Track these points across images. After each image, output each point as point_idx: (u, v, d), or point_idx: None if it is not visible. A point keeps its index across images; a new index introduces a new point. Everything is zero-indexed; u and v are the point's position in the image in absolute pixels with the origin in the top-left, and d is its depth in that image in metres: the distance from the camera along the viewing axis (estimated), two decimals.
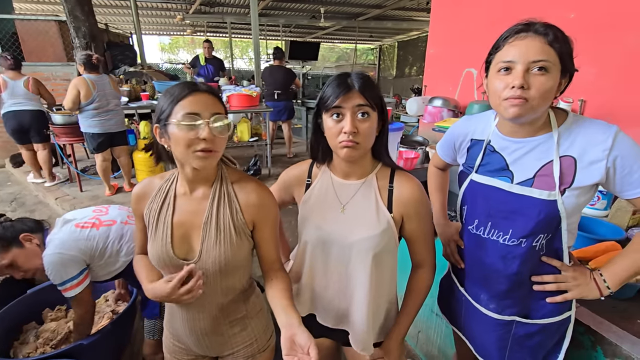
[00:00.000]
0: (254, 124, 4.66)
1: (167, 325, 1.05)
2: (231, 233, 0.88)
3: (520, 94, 0.75)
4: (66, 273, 1.27)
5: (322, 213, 0.96)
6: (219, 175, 0.90)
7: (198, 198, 0.89)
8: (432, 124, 2.46)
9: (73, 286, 1.28)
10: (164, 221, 0.89)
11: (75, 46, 4.35)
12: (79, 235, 1.34)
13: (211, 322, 0.96)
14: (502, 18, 2.10)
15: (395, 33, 12.87)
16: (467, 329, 1.10)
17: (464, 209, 0.99)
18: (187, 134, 0.77)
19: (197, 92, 0.80)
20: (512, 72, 0.76)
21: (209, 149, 0.78)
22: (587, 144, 0.78)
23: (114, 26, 8.22)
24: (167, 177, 0.94)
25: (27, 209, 3.76)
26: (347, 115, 0.83)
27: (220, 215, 0.88)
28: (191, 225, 0.89)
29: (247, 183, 0.91)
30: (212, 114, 0.79)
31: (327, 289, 1.01)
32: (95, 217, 1.43)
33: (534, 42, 0.74)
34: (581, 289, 0.86)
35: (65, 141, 3.78)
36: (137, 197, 0.95)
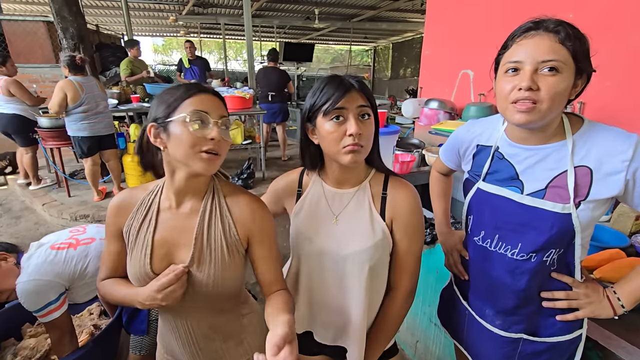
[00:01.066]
0: (248, 127, 4.60)
1: (161, 340, 0.99)
2: (223, 251, 0.80)
3: (528, 96, 0.69)
4: (43, 299, 1.19)
5: (314, 225, 0.91)
6: (210, 187, 0.83)
7: (185, 213, 0.81)
8: (429, 127, 2.42)
9: (50, 311, 1.20)
10: (143, 239, 0.81)
11: (62, 47, 4.25)
12: (55, 258, 1.26)
13: (204, 341, 0.90)
14: (498, 19, 2.06)
15: (390, 34, 12.88)
16: (470, 344, 1.04)
17: (470, 219, 0.93)
18: (194, 132, 0.71)
19: (205, 92, 0.76)
20: (520, 72, 0.71)
21: (216, 151, 0.73)
22: (605, 154, 0.72)
23: (105, 27, 8.11)
24: (150, 188, 0.86)
25: (13, 215, 3.65)
26: (350, 117, 0.78)
27: (212, 232, 0.80)
28: (175, 243, 0.81)
29: (240, 196, 0.84)
30: (221, 115, 0.75)
31: (325, 304, 0.95)
32: (72, 237, 1.37)
33: (544, 40, 0.69)
34: (594, 306, 0.81)
35: (53, 145, 3.68)
36: (115, 211, 0.84)
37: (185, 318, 0.87)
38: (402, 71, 13.80)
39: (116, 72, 5.74)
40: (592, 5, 1.65)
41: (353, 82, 0.80)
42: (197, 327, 0.88)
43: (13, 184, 4.29)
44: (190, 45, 5.61)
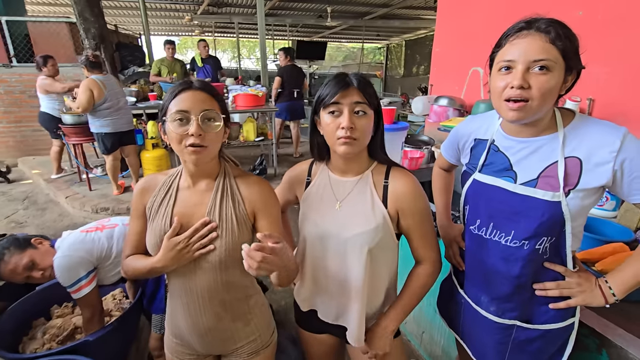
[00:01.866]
0: (260, 124, 4.68)
1: (169, 325, 1.05)
2: (233, 224, 0.89)
3: (520, 94, 0.73)
4: (74, 275, 1.32)
5: (319, 210, 0.98)
6: (222, 170, 0.94)
7: (201, 190, 0.92)
8: (438, 124, 2.44)
9: (81, 287, 1.33)
10: (164, 212, 0.91)
11: (85, 47, 4.42)
12: (85, 238, 1.40)
13: (214, 318, 0.96)
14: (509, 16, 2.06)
15: (403, 32, 12.78)
16: (466, 332, 1.08)
17: (466, 209, 0.98)
18: (177, 130, 0.81)
19: (189, 89, 0.83)
20: (513, 71, 0.75)
21: (198, 144, 0.81)
22: (594, 146, 0.76)
23: (124, 27, 8.34)
24: (170, 172, 0.97)
25: (38, 207, 3.84)
26: (344, 111, 0.85)
27: (223, 207, 0.90)
28: (192, 215, 0.90)
29: (249, 177, 0.95)
30: (202, 110, 0.82)
31: (326, 284, 1.02)
32: (99, 223, 1.52)
33: (535, 40, 0.72)
34: (585, 295, 0.84)
35: (75, 141, 3.85)
36: (140, 191, 0.96)
37: (197, 293, 0.93)
38: (415, 69, 13.69)
39: (134, 70, 5.92)
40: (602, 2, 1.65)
41: (353, 79, 0.86)
42: (208, 302, 0.94)
43: (38, 178, 4.49)
44: (204, 45, 5.77)
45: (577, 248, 0.91)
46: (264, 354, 1.06)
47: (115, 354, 1.59)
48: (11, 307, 1.60)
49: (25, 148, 5.62)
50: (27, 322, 1.68)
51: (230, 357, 1.05)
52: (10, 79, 5.31)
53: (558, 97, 0.79)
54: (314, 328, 1.12)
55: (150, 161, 3.87)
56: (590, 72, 0.88)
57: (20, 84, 5.37)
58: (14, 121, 5.50)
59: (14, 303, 1.62)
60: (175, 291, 0.98)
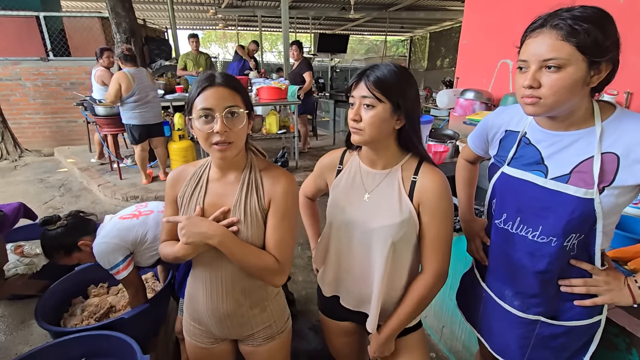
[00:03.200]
0: (282, 117, 4.72)
1: (188, 309, 1.09)
2: (258, 217, 0.93)
3: (530, 94, 0.74)
4: (113, 259, 1.42)
5: (348, 197, 1.00)
6: (248, 163, 0.96)
7: (229, 182, 0.96)
8: (463, 117, 2.40)
9: (120, 270, 1.43)
10: (195, 202, 0.95)
11: (116, 41, 4.59)
12: (121, 225, 1.49)
13: (234, 305, 0.99)
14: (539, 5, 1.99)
15: (428, 24, 12.46)
16: (485, 325, 1.08)
17: (493, 203, 0.97)
18: (202, 128, 0.84)
19: (211, 86, 0.84)
20: (526, 71, 0.76)
21: (224, 141, 0.84)
22: (635, 142, 0.73)
23: (151, 21, 8.57)
24: (200, 164, 1.01)
25: (73, 194, 4.05)
26: (356, 104, 0.89)
27: (248, 201, 0.93)
28: (222, 206, 0.94)
29: (273, 170, 0.97)
30: (225, 107, 0.83)
31: (350, 271, 1.04)
32: (136, 209, 1.61)
33: (545, 39, 0.71)
34: (613, 294, 0.83)
35: (107, 131, 4.03)
36: (172, 182, 1.01)
37: (221, 281, 0.97)
38: (439, 62, 13.35)
39: (161, 64, 6.09)
40: None
41: (367, 73, 0.87)
42: (231, 289, 0.98)
43: (72, 167, 4.74)
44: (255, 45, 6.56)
45: (608, 246, 0.88)
46: (279, 339, 1.09)
47: (146, 332, 1.68)
48: (53, 286, 1.72)
49: (61, 138, 5.93)
50: (67, 299, 1.80)
51: (246, 341, 1.08)
52: (47, 72, 5.60)
53: (595, 90, 0.77)
54: (336, 315, 1.14)
55: (177, 152, 3.99)
56: (629, 64, 0.84)
57: (57, 77, 5.65)
58: (50, 112, 5.80)
59: (55, 282, 1.75)
60: (198, 277, 1.01)
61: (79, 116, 5.31)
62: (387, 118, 0.87)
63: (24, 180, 4.50)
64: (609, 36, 0.70)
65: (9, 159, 5.26)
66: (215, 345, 1.10)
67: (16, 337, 1.94)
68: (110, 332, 1.34)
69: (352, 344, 1.21)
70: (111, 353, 1.35)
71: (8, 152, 5.31)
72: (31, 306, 1.64)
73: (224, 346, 1.11)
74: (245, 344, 1.09)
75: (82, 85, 5.67)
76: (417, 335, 1.09)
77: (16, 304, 2.16)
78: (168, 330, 1.89)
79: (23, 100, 5.64)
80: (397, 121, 0.89)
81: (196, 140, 1.00)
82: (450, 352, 1.78)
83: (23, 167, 5.02)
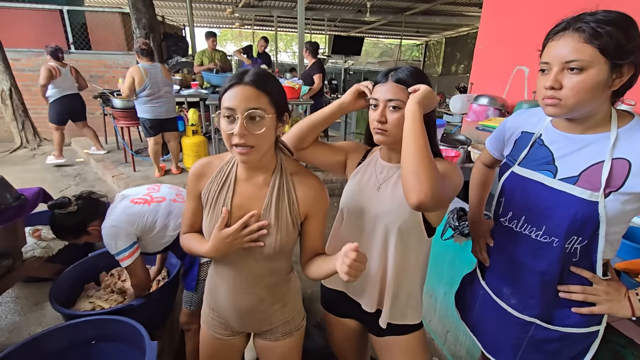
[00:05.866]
0: (295, 116, 4.75)
1: (208, 299, 1.08)
2: (287, 222, 0.92)
3: (552, 95, 0.76)
4: (120, 244, 1.40)
5: (361, 186, 1.03)
6: (278, 165, 0.93)
7: (258, 184, 0.92)
8: (476, 123, 2.38)
9: (126, 257, 1.42)
10: (223, 202, 0.92)
11: (135, 36, 4.70)
12: (132, 210, 1.47)
13: (256, 301, 1.00)
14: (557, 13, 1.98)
15: (443, 29, 12.39)
16: (478, 324, 1.09)
17: (501, 201, 0.98)
18: (225, 127, 0.81)
19: (239, 84, 0.80)
20: (548, 73, 0.77)
21: (244, 144, 0.79)
22: None
23: (170, 18, 8.72)
24: (226, 159, 0.96)
25: (88, 184, 4.15)
26: (380, 106, 0.90)
27: (279, 205, 0.91)
28: (250, 208, 0.92)
29: (305, 177, 0.94)
30: (247, 109, 0.78)
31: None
32: (148, 194, 1.57)
33: (568, 41, 0.73)
34: (612, 304, 0.83)
35: (123, 124, 4.12)
36: (196, 176, 0.96)
37: (246, 278, 0.97)
38: (454, 67, 13.25)
39: (177, 60, 6.19)
40: None
41: (395, 73, 0.89)
42: (255, 286, 0.98)
43: (88, 157, 4.85)
44: (265, 43, 6.29)
45: (612, 257, 0.88)
46: (296, 335, 1.09)
47: (154, 319, 1.72)
48: (67, 270, 1.78)
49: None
50: (80, 285, 1.85)
51: (264, 336, 1.08)
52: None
53: (617, 94, 0.77)
54: (339, 312, 1.16)
55: (189, 147, 4.05)
56: None
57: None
58: None
59: (69, 266, 1.80)
60: (222, 272, 1.01)
61: (97, 108, 5.43)
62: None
63: (42, 168, 4.63)
64: (632, 39, 0.70)
65: (28, 147, 5.42)
66: (232, 337, 1.10)
67: (30, 318, 2.01)
68: (120, 317, 1.38)
69: (353, 341, 1.22)
70: (121, 337, 1.39)
71: (28, 141, 5.46)
72: (45, 289, 1.70)
73: (238, 339, 1.12)
74: (263, 338, 1.09)
75: (101, 79, 5.79)
76: (418, 335, 1.09)
77: (31, 287, 2.23)
78: (174, 320, 1.92)
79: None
80: None
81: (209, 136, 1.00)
82: (454, 358, 1.78)
83: (41, 155, 5.15)
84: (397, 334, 1.05)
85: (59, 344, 1.35)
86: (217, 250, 0.90)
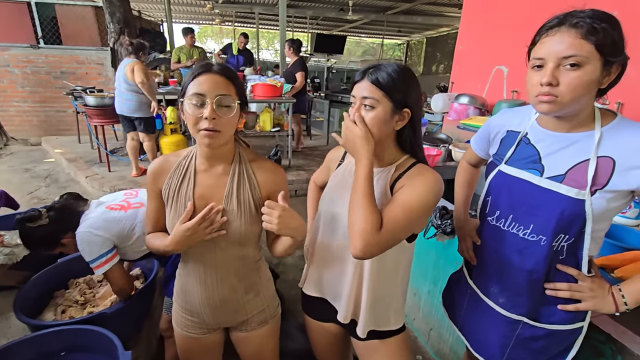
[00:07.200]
0: (276, 115, 4.69)
1: (179, 300, 1.08)
2: (250, 207, 0.94)
3: (548, 91, 0.74)
4: (95, 251, 1.33)
5: (339, 191, 1.00)
6: (237, 154, 0.96)
7: (218, 174, 0.95)
8: (457, 122, 2.41)
9: (101, 264, 1.34)
10: (185, 194, 0.93)
11: (109, 31, 4.51)
12: (108, 216, 1.40)
13: (229, 290, 1.01)
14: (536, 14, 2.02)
15: (425, 29, 12.55)
16: (466, 323, 1.09)
17: (488, 200, 0.97)
18: (193, 112, 0.83)
19: (208, 72, 0.84)
20: (543, 69, 0.75)
21: (212, 128, 0.82)
22: (631, 149, 0.75)
23: (147, 13, 8.44)
24: (183, 154, 0.98)
25: (59, 185, 3.96)
26: (356, 104, 0.88)
27: (241, 190, 0.94)
28: (212, 198, 0.93)
29: (263, 162, 0.99)
30: (217, 94, 0.83)
31: (331, 265, 1.03)
32: (125, 199, 1.51)
33: (564, 37, 0.71)
34: (596, 301, 0.84)
35: (97, 122, 3.94)
36: (154, 174, 0.97)
37: (215, 268, 0.98)
38: (435, 67, 13.47)
39: (155, 57, 6.00)
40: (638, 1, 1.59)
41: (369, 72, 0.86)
42: (225, 274, 0.99)
43: (60, 157, 4.63)
44: (245, 40, 6.12)
45: (596, 254, 0.89)
46: (272, 323, 1.12)
47: (129, 328, 1.64)
48: (34, 277, 1.67)
49: (49, 127, 5.79)
50: (49, 292, 1.74)
51: (239, 328, 1.09)
52: (37, 60, 5.46)
53: (601, 92, 0.77)
54: (319, 316, 1.13)
55: (168, 146, 3.93)
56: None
57: (47, 65, 5.52)
58: (38, 101, 5.67)
59: (36, 273, 1.69)
60: (190, 267, 1.01)
61: (69, 106, 5.19)
62: (387, 119, 0.86)
63: (8, 169, 4.38)
64: (622, 38, 0.72)
65: None
66: (207, 335, 1.09)
67: None
68: (91, 327, 1.30)
69: (335, 345, 1.19)
70: (92, 348, 1.31)
71: None
72: (10, 298, 1.59)
73: (214, 336, 1.11)
74: (239, 331, 1.10)
75: (73, 75, 5.55)
76: (401, 337, 1.06)
77: None
78: (152, 326, 1.85)
79: (11, 88, 5.50)
80: (397, 122, 0.88)
81: (188, 135, 0.97)
82: (437, 356, 1.78)
83: (8, 155, 4.89)
84: (379, 338, 1.03)
85: (25, 356, 1.26)
86: (177, 243, 0.89)
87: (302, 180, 4.05)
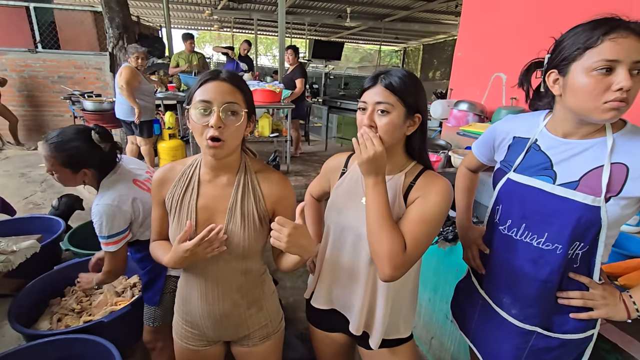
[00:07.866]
0: (275, 120, 4.69)
1: (180, 312, 1.05)
2: (254, 219, 0.91)
3: (625, 97, 0.69)
4: (116, 226, 1.23)
5: (346, 200, 0.98)
6: (242, 165, 0.93)
7: (222, 184, 0.92)
8: (456, 128, 2.41)
9: (116, 241, 1.25)
10: (188, 205, 0.91)
11: (108, 36, 4.51)
12: (135, 193, 1.30)
13: (230, 305, 0.98)
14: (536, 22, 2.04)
15: (422, 36, 12.67)
16: (478, 334, 1.06)
17: (498, 209, 0.95)
18: (199, 120, 0.81)
19: (215, 79, 0.82)
20: (615, 72, 0.69)
21: (217, 137, 0.80)
22: None
23: (146, 19, 8.46)
24: (189, 163, 0.96)
25: (55, 190, 3.92)
26: (369, 109, 0.86)
27: (245, 203, 0.91)
28: (215, 209, 0.91)
29: (269, 174, 0.96)
30: (224, 102, 0.81)
31: (340, 277, 1.01)
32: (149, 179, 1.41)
33: (632, 41, 0.68)
34: (609, 308, 0.83)
35: None
36: (159, 182, 0.96)
37: (217, 282, 0.95)
38: (432, 74, 13.58)
39: (153, 62, 6.00)
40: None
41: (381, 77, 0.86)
42: (227, 289, 0.96)
43: None
44: (248, 47, 6.28)
45: (606, 260, 0.89)
46: (274, 339, 1.08)
47: (126, 337, 1.61)
48: (29, 285, 1.64)
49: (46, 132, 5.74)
50: (44, 300, 1.72)
51: (240, 342, 1.06)
52: (34, 64, 5.44)
53: None
54: (327, 327, 1.11)
55: (166, 151, 3.92)
56: None
57: (44, 70, 5.50)
58: (36, 105, 5.63)
59: (32, 280, 1.67)
60: (191, 279, 0.98)
61: (66, 110, 5.17)
62: (401, 124, 0.86)
63: (4, 173, 4.33)
64: None
65: None
66: (208, 347, 1.07)
67: None
68: (87, 336, 1.28)
69: (341, 355, 1.18)
70: (89, 358, 1.29)
71: None
72: (5, 306, 1.56)
73: (215, 349, 1.08)
74: (240, 345, 1.07)
75: (71, 79, 5.53)
76: (409, 346, 1.06)
77: None
78: None
79: (8, 92, 5.46)
80: (408, 127, 0.88)
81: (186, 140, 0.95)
82: None
83: (4, 160, 4.84)
84: (388, 347, 1.01)
85: None
86: (176, 262, 0.88)
87: (301, 185, 4.04)
